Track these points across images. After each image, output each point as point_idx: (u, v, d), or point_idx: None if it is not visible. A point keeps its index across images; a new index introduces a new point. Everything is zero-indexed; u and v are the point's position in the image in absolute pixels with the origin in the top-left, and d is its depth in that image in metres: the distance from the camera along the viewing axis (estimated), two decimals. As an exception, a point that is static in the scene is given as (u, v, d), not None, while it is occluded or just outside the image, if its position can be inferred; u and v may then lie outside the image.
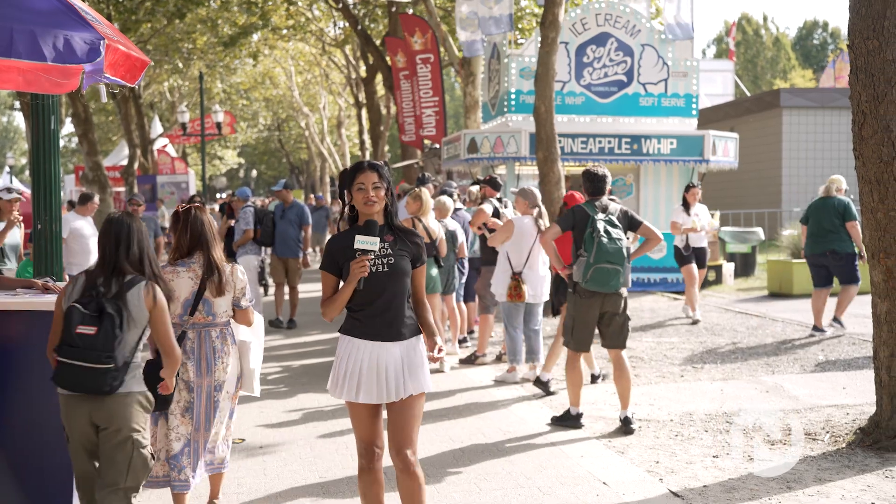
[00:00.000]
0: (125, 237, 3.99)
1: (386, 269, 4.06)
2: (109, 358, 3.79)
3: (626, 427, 6.64)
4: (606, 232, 6.48)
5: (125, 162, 29.37)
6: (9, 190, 8.30)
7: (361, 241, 3.95)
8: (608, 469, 5.75)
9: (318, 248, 24.90)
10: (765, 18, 70.84)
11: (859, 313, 11.83)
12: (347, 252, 4.03)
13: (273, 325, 11.93)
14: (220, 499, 5.09)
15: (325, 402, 7.74)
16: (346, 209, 4.18)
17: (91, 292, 3.88)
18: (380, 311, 4.06)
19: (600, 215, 6.58)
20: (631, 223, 6.74)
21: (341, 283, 4.11)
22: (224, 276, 4.72)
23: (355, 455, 4.59)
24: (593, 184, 6.71)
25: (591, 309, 6.67)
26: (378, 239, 4.00)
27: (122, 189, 28.43)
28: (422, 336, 4.19)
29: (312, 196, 28.42)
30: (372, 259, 4.00)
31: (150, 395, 4.04)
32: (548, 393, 7.85)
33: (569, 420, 6.81)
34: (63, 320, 3.83)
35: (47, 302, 4.65)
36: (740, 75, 52.39)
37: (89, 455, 3.97)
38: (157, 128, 34.35)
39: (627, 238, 6.76)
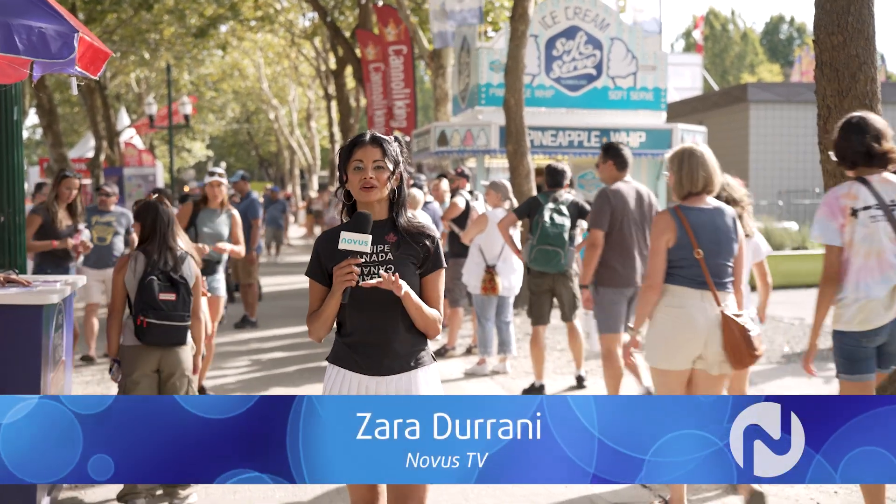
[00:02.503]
0: (168, 219, 4.96)
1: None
2: (188, 317, 4.88)
3: (579, 383, 7.77)
4: (551, 218, 7.31)
5: (91, 154, 29.05)
6: (210, 173, 7.95)
7: (348, 240, 3.08)
8: (576, 461, 5.77)
9: (274, 246, 23.61)
10: (732, 13, 71.41)
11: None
12: (337, 254, 3.15)
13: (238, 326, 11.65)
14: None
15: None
16: (343, 196, 3.31)
17: (156, 266, 4.85)
18: (374, 335, 3.18)
19: (550, 204, 7.40)
20: (580, 212, 7.53)
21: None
22: None
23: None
24: (552, 177, 7.61)
25: (543, 286, 7.57)
26: (370, 237, 3.09)
27: (88, 181, 28.12)
28: (431, 367, 3.29)
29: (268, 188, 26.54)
30: (363, 261, 3.13)
31: (195, 345, 5.13)
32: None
33: (533, 391, 7.57)
34: (145, 291, 4.77)
35: (7, 295, 4.59)
36: (708, 69, 52.76)
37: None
38: (123, 119, 33.98)
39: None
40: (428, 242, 3.27)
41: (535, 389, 7.60)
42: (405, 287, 3.11)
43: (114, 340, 4.96)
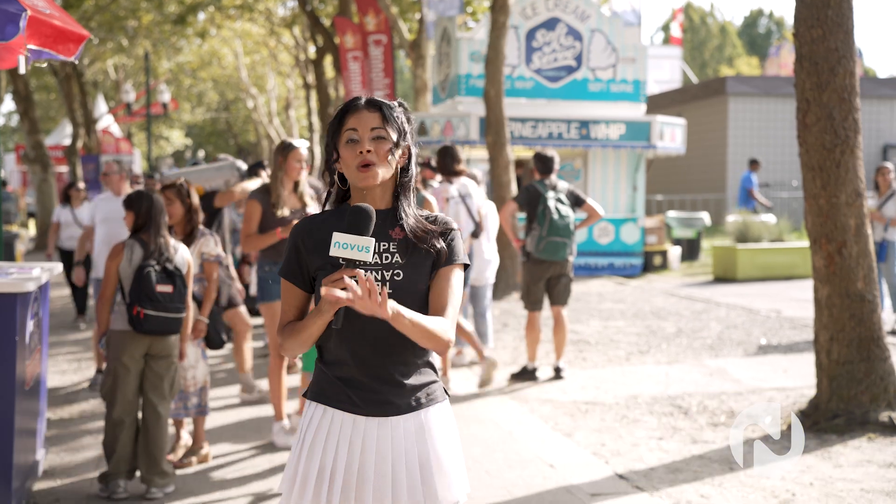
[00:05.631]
0: (161, 208, 4.97)
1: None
2: (183, 308, 4.95)
3: (557, 374, 7.83)
4: (557, 209, 7.51)
5: (68, 141, 28.79)
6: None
7: (342, 244, 2.26)
8: (555, 451, 5.79)
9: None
10: (712, 7, 71.66)
11: (801, 297, 12.07)
12: (324, 251, 2.40)
13: None
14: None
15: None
16: (335, 178, 2.53)
17: (152, 256, 4.87)
18: (377, 367, 2.43)
19: (550, 193, 7.58)
20: (576, 200, 7.75)
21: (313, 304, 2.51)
22: None
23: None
24: (544, 164, 7.75)
25: (542, 273, 7.74)
26: (372, 241, 2.29)
27: (65, 169, 27.86)
28: (444, 403, 2.54)
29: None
30: (362, 273, 2.23)
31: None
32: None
33: (525, 374, 7.78)
34: (142, 281, 4.79)
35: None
36: (687, 62, 52.95)
37: (136, 382, 4.93)
38: (101, 106, 33.66)
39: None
40: (444, 239, 2.49)
41: (528, 373, 7.77)
42: (393, 306, 2.25)
43: (105, 323, 4.99)
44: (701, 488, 5.07)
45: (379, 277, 2.41)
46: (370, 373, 2.42)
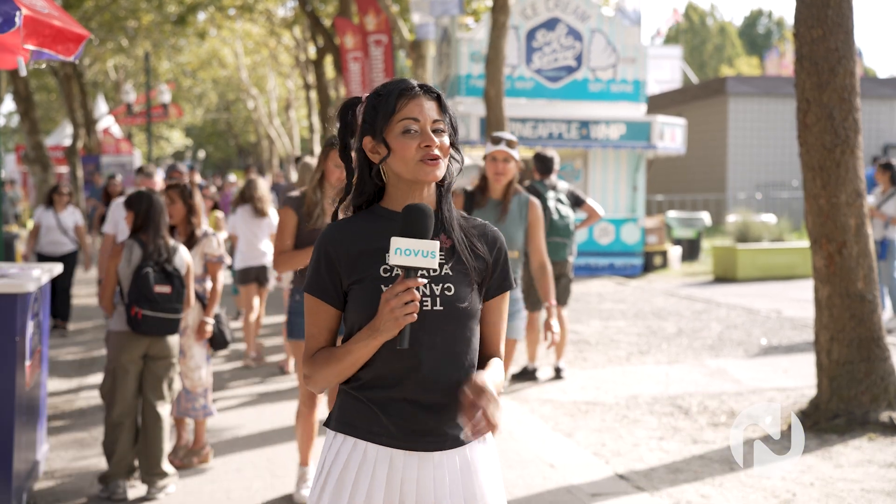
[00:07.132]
0: (162, 209, 4.97)
1: (439, 308, 2.10)
2: (181, 309, 4.95)
3: (557, 374, 7.84)
4: (557, 210, 7.50)
5: (68, 142, 28.78)
6: (496, 140, 5.32)
7: (406, 250, 1.97)
8: (555, 451, 5.79)
9: None
10: (712, 7, 71.69)
11: (801, 298, 12.07)
12: (362, 261, 2.11)
13: None
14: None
15: (286, 386, 7.67)
16: (374, 176, 2.17)
17: (151, 257, 4.87)
18: (425, 390, 2.10)
19: (550, 193, 7.63)
20: (576, 201, 7.82)
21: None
22: None
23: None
24: (544, 164, 7.73)
25: None
26: (437, 243, 2.00)
27: (65, 170, 27.84)
28: (490, 440, 2.25)
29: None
30: (424, 282, 2.03)
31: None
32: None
33: (526, 374, 7.83)
34: (140, 282, 4.78)
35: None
36: (687, 62, 52.96)
37: (135, 383, 4.94)
38: (101, 107, 33.65)
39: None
40: (493, 250, 2.21)
41: (528, 373, 7.83)
42: (498, 414, 2.05)
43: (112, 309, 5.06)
44: (701, 488, 5.07)
45: (429, 292, 2.09)
46: (420, 397, 2.10)
